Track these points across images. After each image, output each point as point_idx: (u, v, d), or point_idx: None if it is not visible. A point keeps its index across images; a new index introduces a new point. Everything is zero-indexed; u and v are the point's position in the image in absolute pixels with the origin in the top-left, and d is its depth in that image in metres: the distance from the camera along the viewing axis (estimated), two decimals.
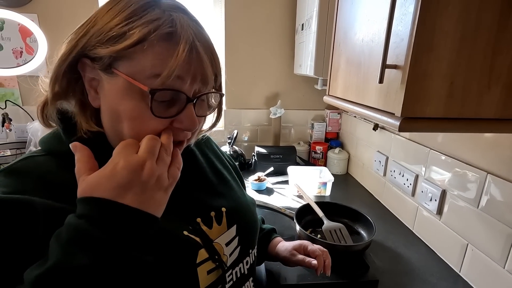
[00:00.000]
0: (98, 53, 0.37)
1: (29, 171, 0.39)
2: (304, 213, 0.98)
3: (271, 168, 1.42)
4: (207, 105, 0.48)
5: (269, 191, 1.30)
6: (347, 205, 1.00)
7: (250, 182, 1.30)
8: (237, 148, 1.56)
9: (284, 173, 1.41)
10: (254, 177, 1.32)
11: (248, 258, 0.57)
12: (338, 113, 1.64)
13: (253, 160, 1.51)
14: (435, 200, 0.88)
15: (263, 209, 1.13)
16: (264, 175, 1.35)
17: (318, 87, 1.42)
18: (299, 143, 1.68)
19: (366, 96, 0.61)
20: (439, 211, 0.88)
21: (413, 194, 1.01)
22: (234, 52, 1.56)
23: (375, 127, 1.24)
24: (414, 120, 0.48)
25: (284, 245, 0.71)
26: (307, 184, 1.24)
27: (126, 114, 0.39)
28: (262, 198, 1.22)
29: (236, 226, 0.55)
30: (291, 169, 1.32)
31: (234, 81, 1.56)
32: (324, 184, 1.24)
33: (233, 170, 0.67)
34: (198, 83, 0.41)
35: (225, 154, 0.70)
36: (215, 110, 0.50)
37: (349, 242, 0.86)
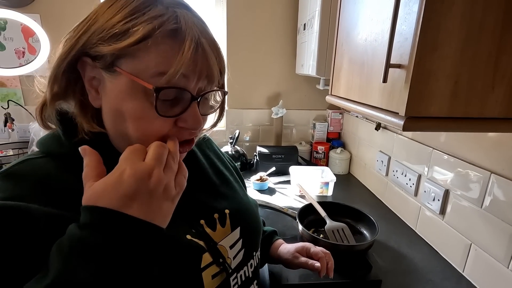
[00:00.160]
0: (100, 51, 0.36)
1: (27, 175, 0.38)
2: (307, 213, 0.98)
3: (273, 168, 1.42)
4: (210, 104, 0.47)
5: (271, 191, 1.30)
6: (350, 205, 1.00)
7: (252, 182, 1.30)
8: (239, 148, 1.56)
9: (286, 173, 1.41)
10: (256, 177, 1.32)
11: (252, 261, 0.56)
12: (340, 113, 1.63)
13: (255, 160, 1.51)
14: (438, 200, 0.88)
15: (265, 209, 1.13)
16: (266, 175, 1.35)
17: (320, 87, 1.42)
18: (301, 143, 1.68)
19: (370, 96, 0.61)
20: (442, 211, 0.88)
21: (416, 194, 1.01)
22: (236, 52, 1.56)
23: (377, 127, 1.24)
24: (418, 120, 0.48)
25: (286, 248, 0.70)
26: (309, 184, 1.24)
27: (130, 114, 0.38)
28: (264, 198, 1.22)
29: (240, 228, 0.53)
30: (293, 169, 1.32)
31: (236, 81, 1.56)
32: (326, 184, 1.24)
33: (234, 171, 0.66)
34: (204, 81, 0.40)
35: (226, 155, 0.69)
36: (218, 109, 0.49)
37: (352, 242, 0.86)
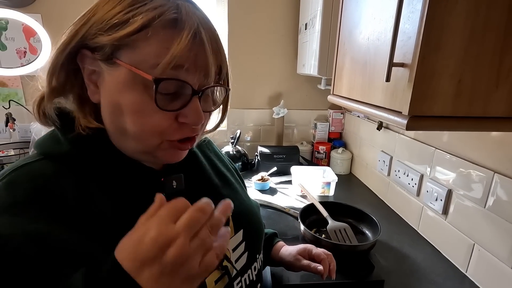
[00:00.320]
0: (99, 42, 0.35)
1: (22, 183, 0.35)
2: (308, 213, 0.97)
3: (274, 168, 1.41)
4: (212, 101, 0.46)
5: (273, 191, 1.30)
6: (352, 205, 0.99)
7: (254, 182, 1.30)
8: (240, 148, 1.55)
9: (287, 173, 1.41)
10: (258, 177, 1.32)
11: (256, 264, 0.55)
12: (341, 113, 1.63)
13: (256, 160, 1.51)
14: (441, 200, 0.88)
15: (267, 209, 1.13)
16: (267, 175, 1.35)
17: (322, 87, 1.42)
18: (302, 143, 1.68)
19: (372, 95, 0.61)
20: (445, 211, 0.87)
21: (418, 194, 1.00)
22: (237, 52, 1.56)
23: (379, 127, 1.24)
24: (422, 119, 0.48)
25: (288, 250, 0.70)
26: (311, 184, 1.24)
27: (128, 107, 0.37)
28: (266, 198, 1.21)
29: (243, 231, 0.52)
30: (295, 169, 1.32)
31: (237, 81, 1.55)
32: (328, 184, 1.24)
33: (235, 172, 0.66)
34: (201, 74, 0.38)
35: (226, 156, 0.68)
36: (221, 107, 0.48)
37: (354, 242, 0.85)
